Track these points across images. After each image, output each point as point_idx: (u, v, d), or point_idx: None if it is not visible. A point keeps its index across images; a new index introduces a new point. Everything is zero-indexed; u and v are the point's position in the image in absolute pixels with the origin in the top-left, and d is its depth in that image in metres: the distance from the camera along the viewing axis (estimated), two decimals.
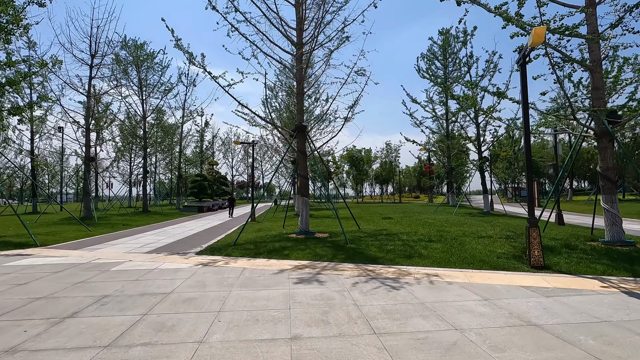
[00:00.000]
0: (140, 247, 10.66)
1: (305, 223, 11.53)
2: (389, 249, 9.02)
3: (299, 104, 11.70)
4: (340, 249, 9.18)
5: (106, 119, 36.09)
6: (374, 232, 11.91)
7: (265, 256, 8.68)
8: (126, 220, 20.55)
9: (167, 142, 39.46)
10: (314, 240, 10.43)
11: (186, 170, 55.01)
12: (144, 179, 28.56)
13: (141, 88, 28.90)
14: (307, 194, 11.61)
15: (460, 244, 9.42)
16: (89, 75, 20.87)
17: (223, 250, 9.50)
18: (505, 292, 5.52)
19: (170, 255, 9.24)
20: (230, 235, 13.27)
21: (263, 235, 12.09)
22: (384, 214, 19.38)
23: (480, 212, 21.58)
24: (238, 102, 11.09)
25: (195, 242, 11.61)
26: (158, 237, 13.31)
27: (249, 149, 69.75)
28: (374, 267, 7.41)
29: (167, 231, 15.38)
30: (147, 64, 28.89)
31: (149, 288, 5.91)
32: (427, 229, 12.29)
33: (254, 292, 5.64)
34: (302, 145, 11.68)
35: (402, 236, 10.85)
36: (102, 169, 42.69)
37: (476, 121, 20.54)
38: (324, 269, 7.28)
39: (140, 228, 16.98)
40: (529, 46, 6.70)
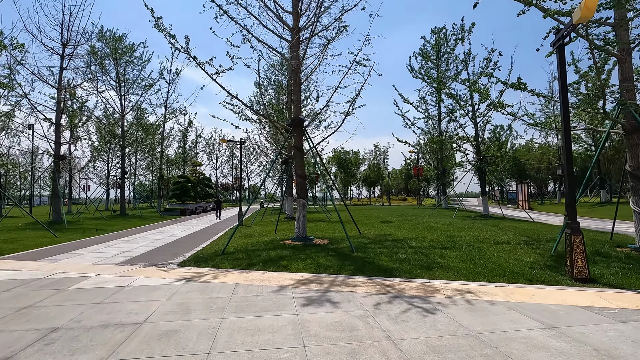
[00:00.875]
0: (112, 257, 9.20)
1: (303, 228, 10.32)
2: (401, 257, 7.91)
3: (296, 95, 10.52)
4: (347, 258, 8.01)
5: (81, 116, 33.95)
6: (378, 238, 10.81)
7: (261, 268, 7.43)
8: (100, 225, 18.81)
9: (148, 142, 37.44)
10: (314, 248, 9.23)
11: (168, 171, 52.79)
12: (122, 180, 26.67)
13: (119, 83, 27.07)
14: (304, 195, 10.41)
15: (479, 252, 8.40)
16: (60, 66, 19.05)
17: (210, 261, 8.18)
18: (566, 315, 4.47)
19: (146, 267, 7.86)
20: (217, 241, 11.91)
21: (255, 242, 10.81)
22: (381, 217, 18.36)
23: (478, 215, 20.84)
24: (227, 92, 9.82)
25: (177, 251, 10.22)
26: (134, 244, 11.81)
27: (234, 150, 67.97)
28: (391, 281, 6.28)
29: (146, 237, 13.86)
30: (127, 58, 27.09)
31: (116, 315, 4.59)
32: (434, 234, 11.28)
33: (253, 319, 4.40)
34: (299, 141, 10.49)
35: (411, 242, 9.78)
36: (76, 170, 40.25)
37: (474, 120, 19.83)
38: (332, 284, 6.09)
39: (115, 233, 15.36)
40: (575, 22, 5.74)
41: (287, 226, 15.69)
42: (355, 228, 13.49)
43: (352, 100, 10.66)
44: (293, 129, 10.31)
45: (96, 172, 40.62)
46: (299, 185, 10.41)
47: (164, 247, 11.08)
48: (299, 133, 10.42)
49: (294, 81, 10.50)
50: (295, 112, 10.45)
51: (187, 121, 43.22)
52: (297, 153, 10.41)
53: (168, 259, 8.88)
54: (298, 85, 10.55)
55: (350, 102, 10.79)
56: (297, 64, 10.38)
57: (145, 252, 10.09)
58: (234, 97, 9.93)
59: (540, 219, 18.13)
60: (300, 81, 10.60)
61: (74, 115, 33.67)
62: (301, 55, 10.54)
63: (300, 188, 10.41)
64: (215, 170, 64.54)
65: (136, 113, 30.44)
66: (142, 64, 27.67)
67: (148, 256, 9.32)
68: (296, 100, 10.47)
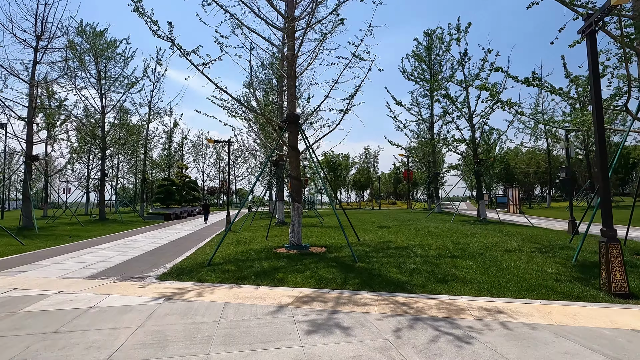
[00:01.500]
0: (82, 269, 8.10)
1: (298, 235, 9.42)
2: (410, 268, 7.10)
3: (290, 89, 9.65)
4: (350, 269, 7.15)
5: (59, 115, 32.24)
6: (379, 245, 9.98)
7: (253, 282, 6.50)
8: (76, 231, 17.45)
9: (131, 144, 35.88)
10: (311, 258, 8.33)
11: (153, 174, 51.01)
12: (102, 182, 25.20)
13: (100, 80, 25.68)
14: (300, 199, 9.52)
15: (494, 261, 7.66)
16: (33, 59, 17.69)
17: (194, 273, 7.19)
18: (629, 344, 3.71)
19: (120, 281, 6.82)
20: (202, 249, 10.88)
21: (244, 250, 9.83)
22: (377, 222, 17.59)
23: (475, 219, 20.30)
24: (215, 85, 8.86)
25: (158, 260, 9.16)
26: (110, 252, 10.67)
27: (221, 153, 66.49)
28: (405, 297, 5.45)
29: (124, 244, 12.69)
30: (108, 54, 25.76)
31: (72, 352, 3.61)
32: (438, 241, 10.53)
33: (248, 355, 3.49)
34: (294, 140, 9.61)
35: (416, 250, 8.99)
36: (53, 172, 38.30)
37: (471, 122, 19.32)
38: (338, 302, 5.22)
39: (90, 240, 14.12)
40: (614, 3, 5.06)
41: (279, 232, 14.74)
42: (352, 234, 12.67)
43: (352, 96, 9.86)
44: (287, 126, 9.43)
45: (75, 174, 38.74)
46: (294, 188, 9.52)
47: (143, 256, 9.99)
48: (294, 131, 9.55)
49: (289, 74, 9.64)
50: (289, 108, 9.57)
51: (173, 122, 41.73)
52: (291, 153, 9.53)
53: (146, 270, 7.84)
54: (293, 79, 9.69)
55: (349, 99, 9.99)
56: (292, 56, 9.53)
57: (121, 262, 9.00)
58: (223, 90, 8.99)
59: (538, 223, 17.66)
60: (295, 74, 9.74)
61: (51, 115, 32.03)
62: (296, 46, 9.70)
63: (295, 191, 9.52)
64: (202, 173, 62.93)
65: (118, 113, 29.05)
66: (124, 61, 26.37)
67: (124, 267, 8.25)
68: (291, 95, 9.59)
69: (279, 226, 17.84)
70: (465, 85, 19.65)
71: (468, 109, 19.44)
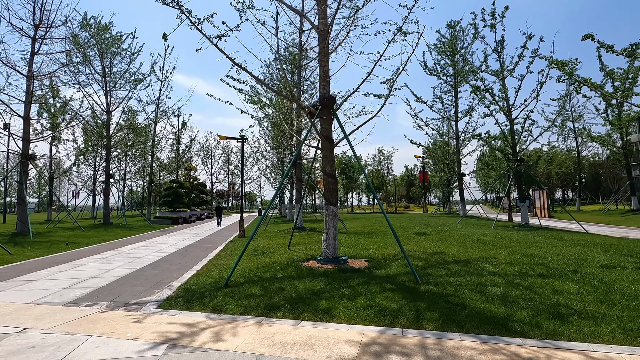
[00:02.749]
0: (66, 289, 6.42)
1: (334, 246, 7.63)
2: (496, 293, 5.26)
3: (324, 67, 7.90)
4: (415, 295, 5.33)
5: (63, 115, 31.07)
6: (431, 258, 8.13)
7: (289, 313, 4.73)
8: (75, 237, 15.91)
9: (139, 146, 34.55)
10: (356, 276, 6.52)
11: (161, 177, 49.77)
12: (106, 185, 23.75)
13: (105, 77, 24.32)
14: (335, 200, 7.73)
15: (602, 283, 5.77)
16: (31, 50, 16.28)
17: (208, 299, 5.45)
18: None
19: (110, 310, 5.11)
20: (215, 262, 9.15)
21: (267, 264, 8.07)
22: (407, 228, 15.70)
23: (514, 225, 18.28)
24: (232, 61, 7.16)
25: (162, 277, 7.46)
26: (107, 264, 9.01)
27: (230, 155, 65.21)
28: (523, 346, 3.63)
29: (125, 253, 11.04)
30: (113, 49, 24.40)
31: None
32: (502, 252, 8.64)
33: None
34: (328, 128, 7.86)
35: (484, 265, 7.12)
36: (58, 174, 37.20)
37: (509, 115, 17.36)
38: (426, 354, 3.42)
39: (89, 248, 12.52)
40: None
41: (300, 239, 12.97)
42: (391, 243, 10.85)
43: (396, 75, 8.08)
44: (320, 111, 7.68)
45: (82, 176, 37.55)
46: (328, 187, 7.73)
47: (144, 270, 8.30)
48: (328, 117, 7.79)
49: (321, 48, 7.90)
50: (322, 89, 7.82)
51: (181, 123, 40.39)
52: (325, 144, 7.76)
53: (146, 292, 6.13)
54: (326, 55, 7.95)
55: (392, 80, 8.21)
56: (324, 25, 7.80)
57: (117, 278, 7.30)
58: (241, 67, 7.28)
59: (590, 230, 15.60)
60: (328, 50, 8.00)
61: (55, 114, 30.90)
62: (329, 16, 7.98)
63: (329, 190, 7.73)
64: (211, 175, 61.59)
65: (126, 114, 27.69)
66: (130, 57, 24.99)
67: (119, 287, 6.55)
68: (324, 73, 7.84)
69: (297, 232, 16.07)
70: (502, 76, 17.72)
71: (506, 101, 17.49)
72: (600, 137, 27.87)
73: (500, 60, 17.98)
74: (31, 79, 16.01)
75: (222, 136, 15.39)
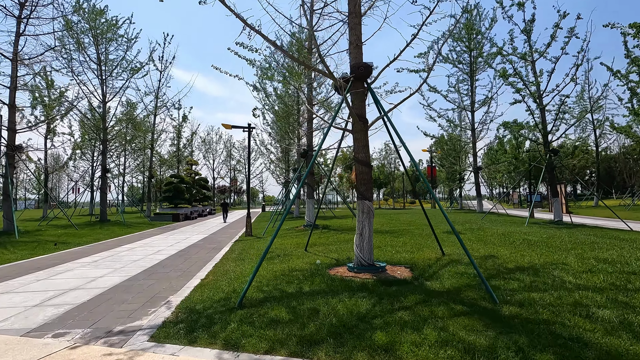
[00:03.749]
0: (35, 307, 5.03)
1: (369, 249, 6.21)
2: (609, 319, 3.84)
3: (356, 31, 6.42)
4: (498, 321, 3.91)
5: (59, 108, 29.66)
6: (487, 265, 6.70)
7: (334, 352, 3.33)
8: (66, 236, 14.55)
9: (139, 140, 33.13)
10: (407, 290, 5.10)
11: (161, 172, 48.36)
12: (103, 179, 22.36)
13: (100, 65, 22.85)
14: (370, 194, 6.30)
15: None
16: (16, 30, 14.82)
17: (218, 326, 4.04)
18: None
19: (84, 345, 3.71)
20: (222, 267, 7.75)
21: (287, 271, 6.67)
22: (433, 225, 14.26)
23: (544, 222, 16.84)
24: (244, 22, 5.69)
25: (159, 288, 6.06)
26: (94, 271, 7.62)
27: (232, 150, 63.77)
28: None
29: (118, 256, 9.66)
30: (109, 36, 22.91)
31: None
32: (563, 255, 7.23)
33: None
34: (362, 104, 6.40)
35: (561, 275, 5.70)
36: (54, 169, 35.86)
37: (540, 102, 15.84)
38: None
39: (78, 250, 11.15)
40: None
41: (316, 239, 11.58)
42: (429, 244, 9.46)
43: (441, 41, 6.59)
44: (352, 84, 6.22)
45: (79, 171, 36.17)
46: (362, 177, 6.29)
47: (138, 277, 6.91)
48: (361, 91, 6.33)
49: (352, 9, 6.43)
50: (353, 57, 6.36)
51: (182, 116, 38.94)
52: (357, 125, 6.31)
53: (137, 312, 4.73)
54: (358, 17, 6.48)
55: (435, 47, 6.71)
56: None
57: (103, 290, 5.92)
58: (255, 29, 5.80)
59: (621, 227, 14.14)
60: (360, 10, 6.52)
61: (50, 106, 29.45)
62: None
63: (363, 182, 6.29)
64: (212, 171, 60.24)
65: (125, 108, 26.25)
66: (127, 44, 23.47)
67: (104, 303, 5.15)
68: (355, 38, 6.37)
69: (309, 229, 14.67)
70: (532, 59, 16.18)
71: (536, 86, 15.97)
72: (626, 127, 26.29)
73: (530, 42, 16.43)
74: (16, 62, 14.55)
75: (226, 125, 13.94)
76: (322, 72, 6.11)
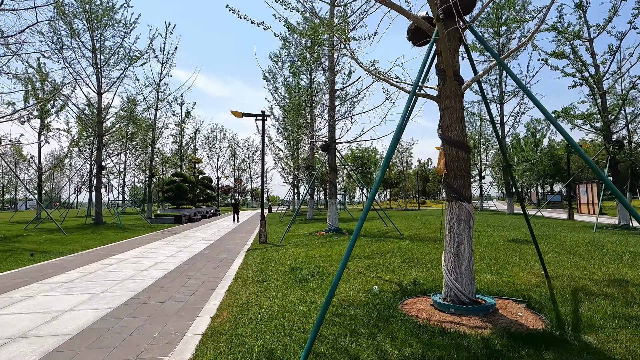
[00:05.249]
0: None
1: (470, 278, 4.04)
2: None
3: None
4: None
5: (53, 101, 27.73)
6: (621, 295, 4.53)
7: None
8: (50, 243, 12.49)
9: (140, 138, 31.16)
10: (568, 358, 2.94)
11: (163, 172, 46.37)
12: (98, 177, 20.32)
13: (95, 52, 20.83)
14: (468, 192, 4.14)
15: None
16: None
17: None
18: None
19: None
20: (240, 293, 5.60)
21: (337, 308, 4.53)
22: (481, 230, 12.11)
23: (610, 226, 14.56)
24: None
25: (148, 335, 3.93)
26: (64, 299, 5.51)
27: (236, 149, 61.73)
28: None
29: (103, 272, 7.56)
30: (105, 20, 20.89)
31: None
32: None
33: None
34: (455, 57, 4.24)
35: None
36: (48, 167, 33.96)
37: (600, 87, 13.60)
38: None
39: (57, 262, 9.06)
40: None
41: (339, 246, 9.37)
42: (495, 258, 7.30)
43: None
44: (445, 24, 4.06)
45: (76, 170, 34.12)
46: (456, 167, 4.13)
47: (119, 313, 4.79)
48: (454, 38, 4.18)
49: None
50: None
51: (184, 112, 36.89)
52: (449, 87, 4.14)
53: None
54: None
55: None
56: None
57: (58, 344, 3.79)
58: None
59: None
60: None
61: (45, 100, 27.50)
62: None
63: (458, 174, 4.13)
64: (216, 170, 58.25)
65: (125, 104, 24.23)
66: (125, 29, 21.43)
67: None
68: None
69: (333, 234, 12.53)
70: (589, 37, 13.95)
71: (595, 67, 13.73)
72: None
73: (585, 18, 14.17)
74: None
75: (236, 112, 11.81)
76: (393, 6, 3.94)
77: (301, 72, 22.37)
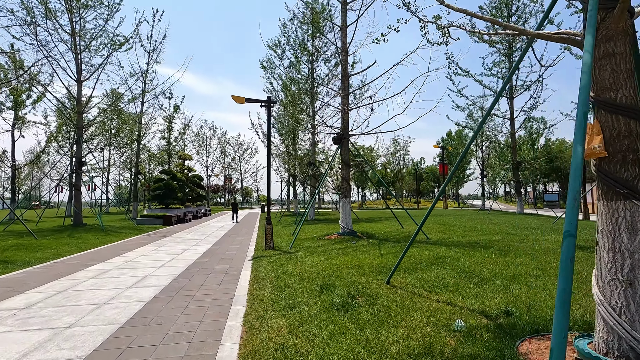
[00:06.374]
0: None
1: None
2: None
3: None
4: None
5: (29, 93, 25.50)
6: None
7: None
8: (16, 249, 10.63)
9: (125, 134, 29.08)
10: None
11: (150, 170, 44.06)
12: (77, 174, 18.31)
13: (74, 36, 18.80)
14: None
15: None
16: None
17: None
18: None
19: None
20: (264, 329, 4.01)
21: None
22: (497, 232, 10.79)
23: None
24: None
25: None
26: (12, 339, 3.82)
27: (227, 146, 59.65)
28: None
29: (75, 292, 5.86)
30: (85, 1, 18.89)
31: None
32: None
33: None
34: None
35: None
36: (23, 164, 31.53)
37: None
38: None
39: (16, 277, 7.28)
40: None
41: (381, 259, 7.91)
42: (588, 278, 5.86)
43: None
44: None
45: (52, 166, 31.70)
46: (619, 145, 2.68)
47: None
48: None
49: None
50: None
51: (173, 106, 34.85)
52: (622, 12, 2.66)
53: None
54: None
55: None
56: None
57: None
58: None
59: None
60: None
61: (19, 90, 25.27)
62: None
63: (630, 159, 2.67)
64: (206, 168, 56.06)
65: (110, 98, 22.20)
66: (108, 11, 19.45)
67: None
68: None
69: (351, 240, 11.01)
70: None
71: None
72: None
73: None
74: None
75: (237, 97, 10.17)
76: None
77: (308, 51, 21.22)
